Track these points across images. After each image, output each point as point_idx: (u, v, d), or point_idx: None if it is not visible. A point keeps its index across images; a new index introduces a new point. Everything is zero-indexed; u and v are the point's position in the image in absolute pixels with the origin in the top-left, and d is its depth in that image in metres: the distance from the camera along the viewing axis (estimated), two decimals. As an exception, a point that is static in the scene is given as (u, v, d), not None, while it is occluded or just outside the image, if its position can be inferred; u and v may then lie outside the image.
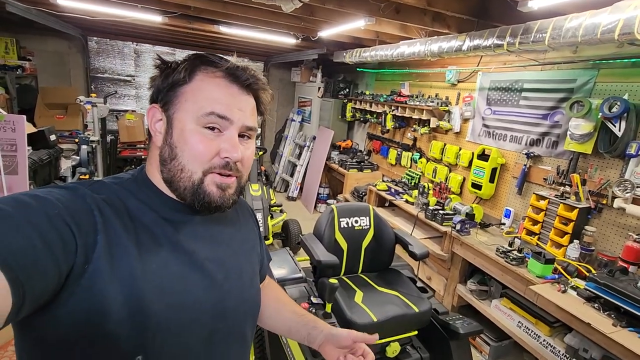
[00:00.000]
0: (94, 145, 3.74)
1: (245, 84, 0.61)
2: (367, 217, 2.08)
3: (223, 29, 3.59)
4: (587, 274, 1.98)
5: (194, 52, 0.64)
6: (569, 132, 2.27)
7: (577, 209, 2.16)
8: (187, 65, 0.59)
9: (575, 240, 2.17)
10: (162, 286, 0.54)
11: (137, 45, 5.51)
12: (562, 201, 2.25)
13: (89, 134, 3.75)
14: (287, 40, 3.89)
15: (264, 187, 3.76)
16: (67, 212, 0.48)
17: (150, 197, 0.61)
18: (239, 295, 0.66)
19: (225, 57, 0.62)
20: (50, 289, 0.45)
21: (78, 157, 3.57)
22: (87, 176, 3.44)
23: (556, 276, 2.02)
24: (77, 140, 3.66)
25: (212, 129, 0.58)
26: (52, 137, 3.37)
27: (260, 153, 4.03)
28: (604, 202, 2.14)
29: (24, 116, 2.63)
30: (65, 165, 3.61)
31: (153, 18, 3.29)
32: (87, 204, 0.52)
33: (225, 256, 0.66)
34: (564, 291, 1.91)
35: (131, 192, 0.59)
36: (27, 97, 4.52)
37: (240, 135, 0.62)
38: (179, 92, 0.59)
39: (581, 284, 1.93)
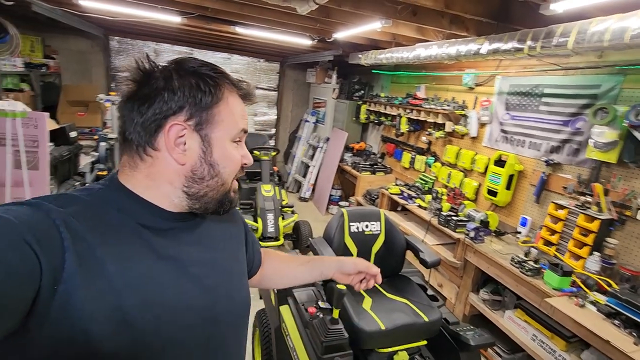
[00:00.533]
0: (112, 143, 3.83)
1: (249, 98, 0.67)
2: (378, 222, 2.05)
3: (239, 29, 3.63)
4: (608, 289, 1.89)
5: (206, 63, 0.64)
6: (591, 140, 2.18)
7: (599, 220, 2.07)
8: (213, 84, 0.60)
9: (595, 253, 2.08)
10: (148, 297, 0.53)
11: (156, 45, 5.63)
12: (582, 211, 2.16)
13: (107, 131, 3.85)
14: (303, 41, 3.89)
15: (276, 187, 3.77)
16: (28, 230, 0.44)
17: (128, 204, 0.58)
18: (230, 298, 0.66)
19: (225, 71, 0.64)
20: (15, 313, 0.42)
21: (97, 154, 3.66)
22: (105, 172, 3.52)
23: (574, 289, 1.95)
24: (96, 137, 3.76)
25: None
26: (73, 134, 3.47)
27: (274, 153, 4.03)
28: (628, 213, 2.05)
29: (46, 113, 2.72)
30: (84, 161, 3.71)
31: (172, 19, 3.35)
32: (51, 219, 0.48)
33: (213, 259, 0.65)
34: (583, 305, 1.83)
35: (106, 202, 0.56)
36: (51, 94, 4.68)
37: None
38: (214, 111, 0.60)
39: (601, 298, 1.85)
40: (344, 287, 1.52)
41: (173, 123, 0.57)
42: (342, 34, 3.28)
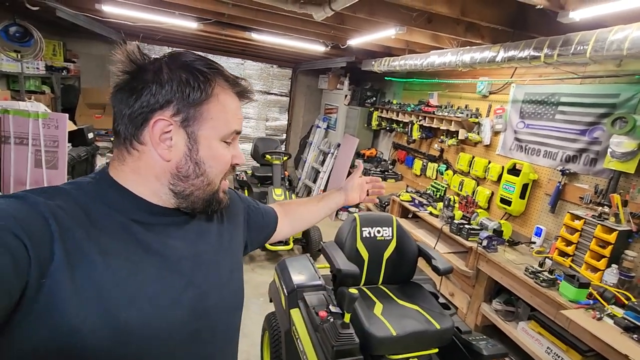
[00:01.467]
0: (127, 144, 3.91)
1: (246, 96, 0.65)
2: (390, 228, 2.04)
3: (254, 35, 3.69)
4: (626, 302, 1.84)
5: (205, 58, 0.62)
6: (609, 150, 2.14)
7: (617, 232, 2.02)
8: (203, 79, 0.57)
9: (613, 265, 2.03)
10: (134, 292, 0.52)
11: (172, 50, 5.75)
12: (600, 222, 2.12)
13: (123, 134, 3.93)
14: (317, 47, 3.94)
15: (287, 192, 3.79)
16: (15, 223, 0.43)
17: (117, 199, 0.57)
18: (220, 292, 0.65)
19: (220, 66, 0.62)
20: (2, 309, 0.41)
21: (112, 155, 3.75)
22: (119, 173, 3.59)
23: (591, 302, 1.90)
24: (112, 139, 3.85)
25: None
26: (90, 135, 3.56)
27: (285, 158, 4.06)
28: (647, 225, 2.00)
29: (67, 115, 2.80)
30: (100, 162, 3.79)
31: (189, 24, 3.42)
32: (40, 212, 0.47)
33: (202, 253, 0.64)
34: (600, 318, 1.78)
35: (94, 196, 0.55)
36: (70, 96, 4.81)
37: None
38: (203, 109, 0.58)
39: (619, 312, 1.80)
40: (355, 292, 1.52)
41: (158, 118, 0.56)
42: (355, 41, 3.30)
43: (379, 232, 2.02)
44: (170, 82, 0.55)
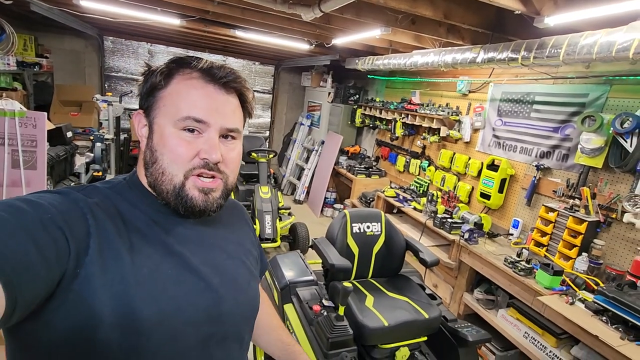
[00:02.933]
0: (107, 143, 3.81)
1: (222, 83, 0.60)
2: (379, 223, 2.12)
3: (239, 33, 3.66)
4: (596, 287, 1.99)
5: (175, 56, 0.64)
6: (579, 146, 2.30)
7: (587, 222, 2.18)
8: (163, 69, 0.60)
9: (583, 253, 2.19)
10: (155, 290, 0.54)
11: (151, 45, 5.61)
12: (571, 214, 2.27)
13: (103, 132, 3.83)
14: (301, 46, 3.96)
15: (273, 189, 3.81)
16: (60, 216, 0.48)
17: (141, 199, 0.61)
18: (235, 299, 0.65)
19: (200, 57, 0.61)
20: (43, 293, 0.44)
21: (92, 154, 3.64)
22: (100, 173, 3.51)
23: (564, 288, 2.04)
24: (91, 137, 3.74)
25: (192, 130, 0.59)
26: (69, 134, 3.44)
27: (271, 156, 4.07)
28: (614, 216, 2.16)
29: (45, 113, 2.71)
30: (80, 162, 3.67)
31: (172, 21, 3.36)
32: (80, 208, 0.52)
33: (219, 259, 0.65)
34: (572, 303, 1.92)
35: (123, 195, 0.60)
36: (43, 93, 4.61)
37: (224, 136, 0.62)
38: (158, 96, 0.60)
39: (589, 296, 1.95)
40: (349, 285, 1.58)
41: (137, 112, 0.62)
42: (341, 40, 3.35)
43: (368, 227, 2.08)
44: (146, 77, 0.61)
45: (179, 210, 0.60)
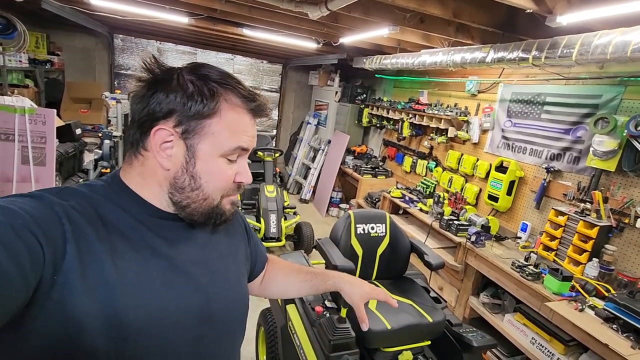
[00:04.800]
0: (116, 140, 3.85)
1: (256, 116, 0.63)
2: (384, 225, 2.09)
3: (247, 31, 3.66)
4: (606, 294, 1.94)
5: (208, 70, 0.60)
6: (591, 149, 2.24)
7: (598, 227, 2.12)
8: (207, 93, 0.57)
9: (594, 259, 2.13)
10: (142, 293, 0.53)
11: (160, 44, 5.66)
12: (582, 218, 2.22)
13: (112, 129, 3.87)
14: (309, 44, 3.94)
15: (279, 188, 3.80)
16: (32, 221, 0.45)
17: (126, 201, 0.59)
18: (226, 298, 0.65)
19: (233, 76, 0.61)
20: (17, 302, 0.42)
21: (100, 151, 3.68)
22: (108, 170, 3.55)
23: (573, 294, 2.00)
24: (100, 134, 3.78)
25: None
26: (78, 131, 3.48)
27: (277, 155, 4.07)
28: (626, 221, 2.10)
29: (55, 110, 2.74)
30: (88, 158, 3.72)
31: (180, 19, 3.37)
32: (54, 211, 0.49)
33: (209, 258, 0.65)
34: (581, 310, 1.88)
35: (105, 197, 0.57)
36: (54, 90, 4.68)
37: None
38: (205, 123, 0.57)
39: (599, 303, 1.90)
40: (352, 287, 1.56)
41: (160, 127, 0.57)
42: (348, 39, 3.32)
43: (372, 228, 2.06)
44: (175, 92, 0.56)
45: (206, 222, 0.63)
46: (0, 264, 0.40)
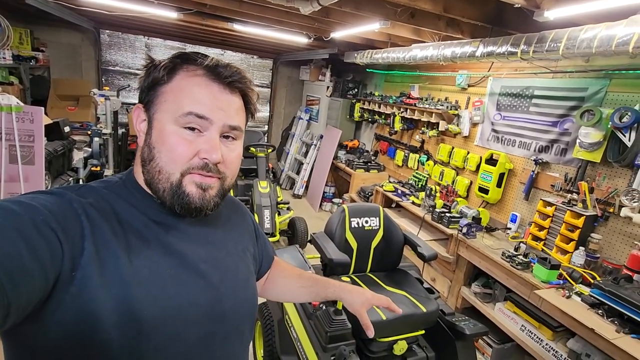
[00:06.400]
0: (105, 138, 3.80)
1: (227, 82, 0.59)
2: (377, 218, 2.12)
3: (237, 26, 3.63)
4: (592, 281, 2.01)
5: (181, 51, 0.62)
6: (578, 140, 2.30)
7: (584, 217, 2.19)
8: (167, 64, 0.58)
9: (580, 247, 2.20)
10: (155, 290, 0.54)
11: (148, 39, 5.56)
12: (569, 208, 2.28)
13: (101, 127, 3.81)
14: (300, 39, 3.92)
15: (272, 184, 3.81)
16: (53, 217, 0.47)
17: (138, 199, 0.59)
18: (236, 296, 0.65)
19: (206, 54, 0.59)
20: (37, 296, 0.44)
21: (90, 149, 3.62)
22: (98, 168, 3.50)
23: (561, 282, 2.06)
24: (89, 132, 3.72)
25: (192, 129, 0.57)
26: (66, 129, 3.42)
27: (269, 150, 4.07)
28: (611, 210, 2.17)
29: (42, 108, 2.69)
30: (77, 156, 3.66)
31: (169, 14, 3.33)
32: (74, 208, 0.51)
33: (220, 257, 0.65)
34: (569, 297, 1.94)
35: (119, 195, 0.58)
36: (40, 88, 4.58)
37: (225, 136, 0.60)
38: (159, 91, 0.58)
39: (586, 290, 1.97)
40: (348, 280, 1.59)
41: (136, 106, 0.61)
42: (339, 34, 3.32)
43: (367, 222, 2.09)
44: (147, 71, 0.59)
45: (175, 208, 0.58)
46: (22, 259, 0.41)
